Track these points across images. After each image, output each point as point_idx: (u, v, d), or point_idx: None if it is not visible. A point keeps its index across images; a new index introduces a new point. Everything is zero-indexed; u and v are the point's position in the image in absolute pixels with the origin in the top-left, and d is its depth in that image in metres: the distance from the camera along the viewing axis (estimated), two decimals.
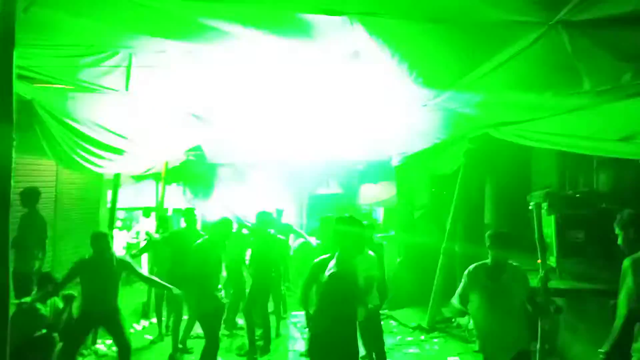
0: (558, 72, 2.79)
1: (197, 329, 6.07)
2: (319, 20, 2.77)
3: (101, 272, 5.02)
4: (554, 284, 4.98)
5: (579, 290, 4.97)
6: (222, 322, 5.95)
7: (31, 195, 5.99)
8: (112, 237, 5.57)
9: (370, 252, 4.64)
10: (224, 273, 6.31)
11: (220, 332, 5.74)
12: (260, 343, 6.25)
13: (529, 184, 7.48)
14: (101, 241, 5.12)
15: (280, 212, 8.44)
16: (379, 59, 3.94)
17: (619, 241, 3.51)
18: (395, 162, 8.44)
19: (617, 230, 3.54)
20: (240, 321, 6.94)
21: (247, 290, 6.55)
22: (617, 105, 3.39)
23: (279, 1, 2.60)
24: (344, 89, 9.35)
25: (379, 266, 4.91)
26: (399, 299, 7.72)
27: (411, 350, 6.29)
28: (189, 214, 7.00)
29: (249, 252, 7.02)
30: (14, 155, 2.47)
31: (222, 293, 5.85)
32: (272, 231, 6.61)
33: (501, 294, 3.69)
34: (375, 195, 11.20)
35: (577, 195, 5.44)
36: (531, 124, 4.71)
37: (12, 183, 2.53)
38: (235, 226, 7.13)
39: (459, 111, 5.20)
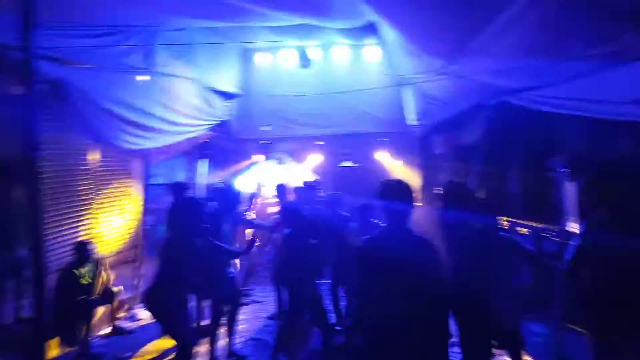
0: (557, 35, 2.79)
1: None
2: None
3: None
4: None
5: None
6: None
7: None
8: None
9: None
10: None
11: None
12: None
13: (555, 151, 7.36)
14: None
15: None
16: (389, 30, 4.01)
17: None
18: (417, 133, 8.44)
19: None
20: None
21: None
22: (629, 67, 3.37)
23: None
24: (363, 61, 9.41)
25: None
26: None
27: None
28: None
29: None
30: (39, 132, 2.67)
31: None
32: None
33: None
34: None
35: (598, 160, 5.37)
36: (549, 90, 4.68)
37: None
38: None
39: (475, 79, 5.20)
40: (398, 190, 3.02)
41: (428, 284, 2.65)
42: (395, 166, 11.58)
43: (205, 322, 5.87)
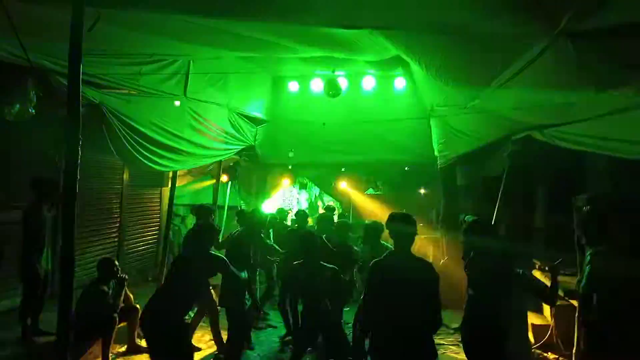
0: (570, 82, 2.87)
1: None
2: (347, 33, 2.99)
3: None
4: None
5: None
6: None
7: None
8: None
9: None
10: None
11: None
12: None
13: (584, 188, 7.26)
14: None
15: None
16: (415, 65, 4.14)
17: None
18: (441, 163, 8.47)
19: None
20: None
21: None
22: None
23: (305, 18, 2.83)
24: (391, 90, 9.57)
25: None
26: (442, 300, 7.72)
27: (449, 352, 6.35)
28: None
29: None
30: (80, 152, 2.86)
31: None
32: None
33: None
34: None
35: (620, 199, 5.32)
36: (572, 127, 4.71)
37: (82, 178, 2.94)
38: None
39: (499, 114, 5.27)
40: (403, 221, 3.74)
41: (422, 294, 3.49)
42: (418, 195, 11.60)
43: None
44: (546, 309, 6.44)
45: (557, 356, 5.73)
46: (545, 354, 5.81)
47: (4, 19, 3.35)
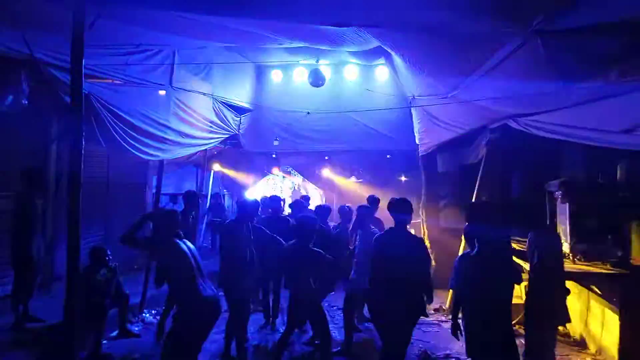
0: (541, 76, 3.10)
1: None
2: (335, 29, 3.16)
3: None
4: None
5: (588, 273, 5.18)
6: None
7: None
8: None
9: None
10: None
11: None
12: None
13: (558, 175, 7.55)
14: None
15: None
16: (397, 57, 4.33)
17: None
18: (422, 151, 8.72)
19: None
20: None
21: None
22: (618, 99, 3.65)
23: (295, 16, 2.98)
24: (373, 79, 9.75)
25: None
26: None
27: (430, 329, 6.64)
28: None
29: None
30: (83, 143, 2.98)
31: None
32: None
33: None
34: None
35: (591, 185, 5.63)
36: (545, 116, 4.97)
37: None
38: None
39: (477, 104, 5.50)
40: (401, 204, 4.46)
41: (414, 262, 4.29)
42: (399, 182, 11.87)
43: None
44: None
45: None
46: (520, 331, 6.13)
47: None
